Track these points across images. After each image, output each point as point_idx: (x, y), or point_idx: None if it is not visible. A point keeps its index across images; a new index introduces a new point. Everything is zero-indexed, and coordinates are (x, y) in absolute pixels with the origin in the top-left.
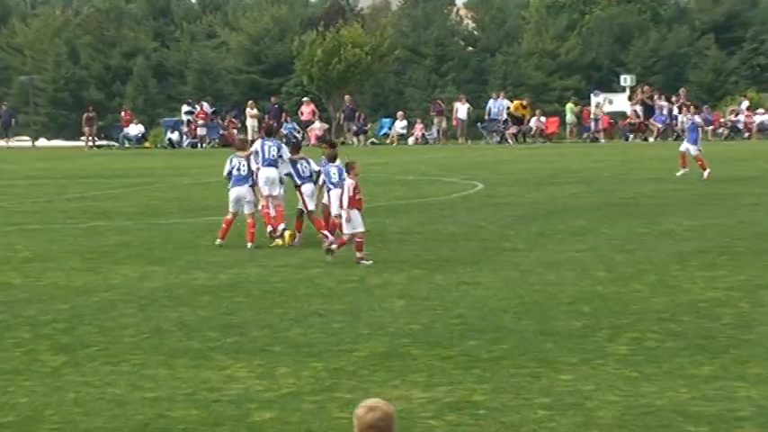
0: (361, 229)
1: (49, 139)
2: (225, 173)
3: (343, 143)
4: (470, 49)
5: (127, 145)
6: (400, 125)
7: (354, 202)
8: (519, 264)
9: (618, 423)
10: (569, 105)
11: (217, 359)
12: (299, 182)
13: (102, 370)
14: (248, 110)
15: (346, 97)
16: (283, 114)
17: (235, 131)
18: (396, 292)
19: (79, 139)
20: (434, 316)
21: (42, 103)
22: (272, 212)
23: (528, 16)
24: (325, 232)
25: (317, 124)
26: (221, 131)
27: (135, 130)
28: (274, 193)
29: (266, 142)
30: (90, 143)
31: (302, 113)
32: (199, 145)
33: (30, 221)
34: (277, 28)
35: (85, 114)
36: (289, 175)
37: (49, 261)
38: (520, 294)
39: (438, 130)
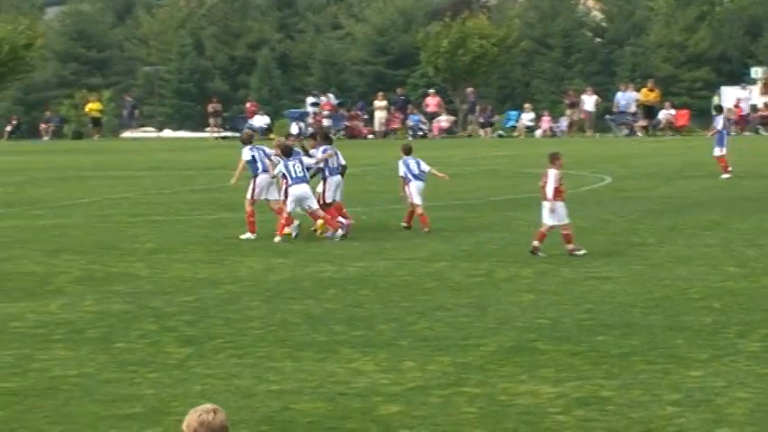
0: (566, 220)
1: (174, 130)
2: (277, 172)
3: (470, 136)
4: (598, 40)
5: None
6: (527, 117)
7: (559, 194)
8: (648, 258)
9: (749, 420)
10: (715, 98)
11: (343, 352)
12: (327, 174)
13: (227, 362)
14: (376, 102)
15: (468, 90)
16: (409, 106)
17: (360, 123)
18: (524, 287)
19: (204, 131)
20: (562, 311)
21: (167, 93)
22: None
23: (656, 7)
24: (342, 220)
25: (444, 116)
26: (346, 123)
27: (260, 121)
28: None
29: (289, 161)
30: (215, 134)
31: (427, 105)
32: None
33: (155, 213)
34: (402, 19)
35: (210, 105)
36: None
37: (175, 252)
38: (649, 289)
39: (569, 122)
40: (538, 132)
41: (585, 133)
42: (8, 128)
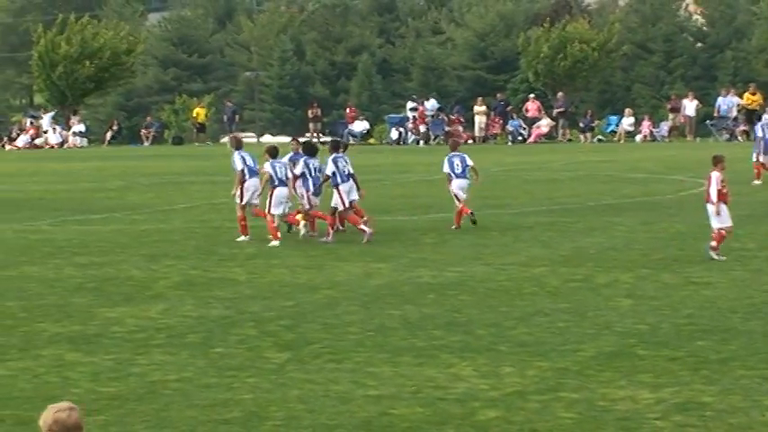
0: (729, 223)
1: (273, 135)
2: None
3: (570, 140)
4: (699, 44)
5: (351, 141)
6: (627, 122)
7: (722, 196)
8: (748, 264)
9: None
10: None
11: (441, 357)
12: (339, 180)
13: (325, 367)
14: (476, 107)
15: (559, 94)
16: (510, 111)
17: (460, 128)
18: (622, 292)
19: (304, 136)
20: (661, 316)
21: (267, 99)
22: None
23: (759, 12)
24: (363, 227)
25: (544, 121)
26: (446, 128)
27: (360, 126)
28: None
29: (276, 163)
30: (315, 139)
31: (527, 110)
32: (421, 142)
33: (254, 218)
34: (503, 24)
35: (310, 111)
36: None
37: (274, 258)
38: (749, 295)
39: (670, 127)
40: (638, 137)
41: (686, 138)
42: (109, 133)
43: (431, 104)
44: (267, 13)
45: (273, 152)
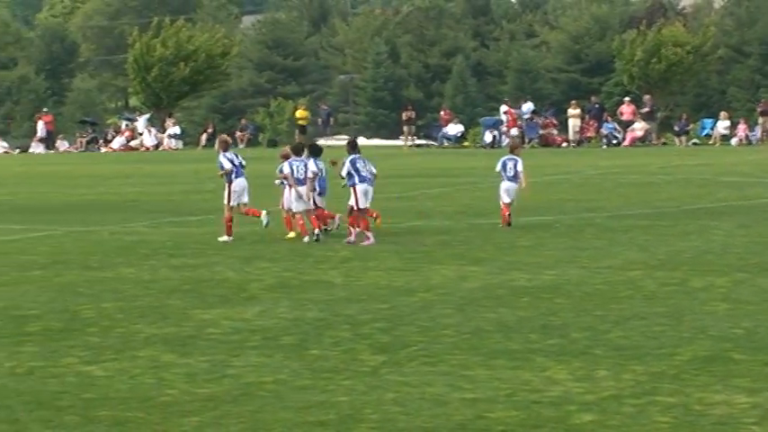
0: None
1: (368, 137)
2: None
3: (665, 144)
4: None
5: (446, 144)
6: (723, 125)
7: None
8: None
9: None
10: None
11: (537, 360)
12: (356, 180)
13: (421, 370)
14: (570, 110)
15: (645, 96)
16: (604, 114)
17: (554, 131)
18: (718, 296)
19: (398, 138)
20: (757, 320)
21: (362, 101)
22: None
23: None
24: (366, 232)
25: (638, 124)
26: (540, 131)
27: (454, 129)
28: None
29: (293, 162)
30: (409, 142)
31: (622, 113)
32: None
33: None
34: (597, 26)
35: (404, 114)
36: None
37: (369, 260)
38: None
39: (762, 130)
40: (733, 141)
41: None
42: (204, 135)
43: (526, 107)
44: (362, 15)
45: (296, 151)
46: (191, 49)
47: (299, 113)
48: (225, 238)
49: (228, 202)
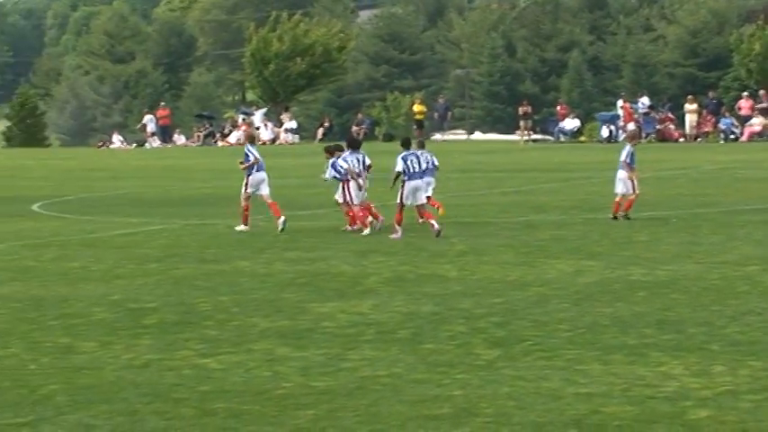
0: None
1: (484, 132)
2: (400, 169)
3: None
4: None
5: (562, 139)
6: None
7: None
8: None
9: None
10: None
11: (652, 356)
12: (406, 177)
13: (536, 364)
14: (687, 105)
15: (761, 92)
16: (722, 109)
17: (671, 126)
18: None
19: (514, 133)
20: None
21: (478, 96)
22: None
23: None
24: (396, 225)
25: (757, 119)
26: (657, 126)
27: (570, 124)
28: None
29: (348, 157)
30: (525, 137)
31: (740, 108)
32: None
33: (464, 214)
34: (715, 21)
35: (521, 108)
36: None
37: (484, 255)
38: None
39: None
40: None
41: None
42: (320, 130)
43: (642, 102)
44: (478, 10)
45: (341, 148)
46: (307, 44)
47: (416, 108)
48: (242, 227)
49: (246, 190)
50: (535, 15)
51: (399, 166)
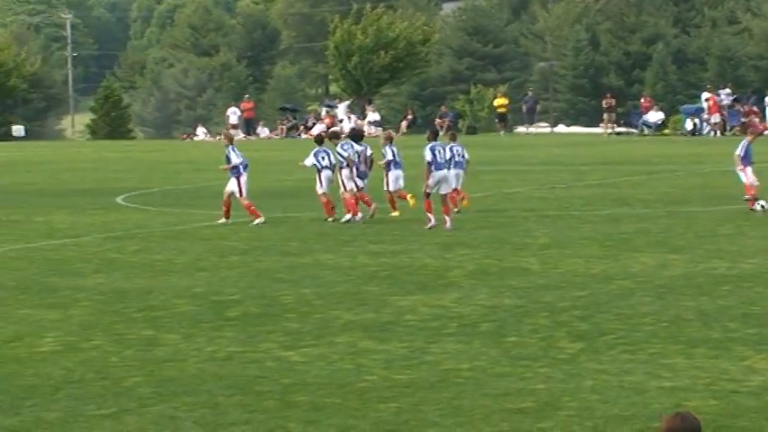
0: None
1: (567, 125)
2: (429, 159)
3: None
4: None
5: (646, 132)
6: None
7: None
8: None
9: None
10: None
11: (736, 350)
12: (433, 168)
13: (619, 358)
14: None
15: None
16: None
17: (756, 119)
18: None
19: (598, 126)
20: None
21: (561, 89)
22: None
23: None
24: (428, 214)
25: None
26: (742, 119)
27: (654, 116)
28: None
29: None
30: (609, 130)
31: None
32: (718, 132)
33: (548, 207)
34: None
35: (605, 101)
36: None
37: (567, 248)
38: None
39: None
40: None
41: None
42: (404, 122)
43: (724, 93)
44: (562, 2)
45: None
46: (391, 37)
47: (498, 101)
48: (259, 220)
49: (241, 194)
50: (619, 8)
51: (428, 157)
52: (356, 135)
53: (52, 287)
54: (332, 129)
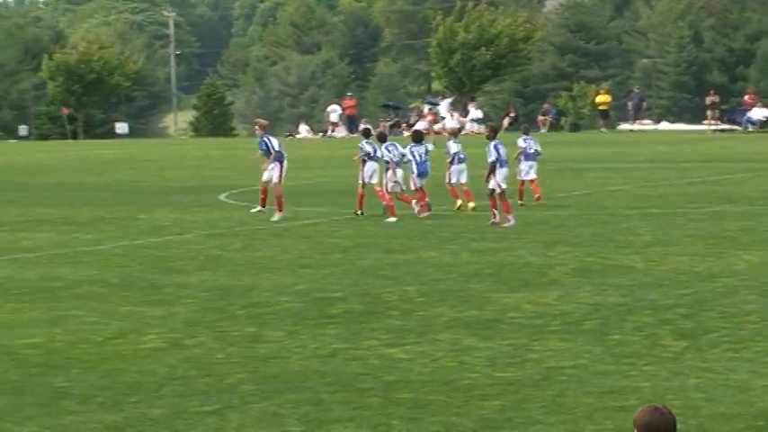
0: None
1: (671, 122)
2: (494, 158)
3: None
4: None
5: (750, 129)
6: None
7: None
8: None
9: None
10: None
11: None
12: (498, 165)
13: (723, 356)
14: None
15: None
16: None
17: None
18: None
19: (701, 123)
20: None
21: (664, 86)
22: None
23: None
24: (507, 215)
25: None
26: None
27: (759, 113)
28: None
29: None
30: (713, 127)
31: None
32: None
33: (651, 205)
34: None
35: (708, 98)
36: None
37: (671, 245)
38: None
39: None
40: None
41: None
42: (506, 119)
43: None
44: None
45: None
46: (493, 34)
47: (600, 98)
48: (279, 215)
49: (280, 181)
50: (723, 4)
51: (493, 155)
52: (417, 136)
53: (156, 284)
54: (379, 130)
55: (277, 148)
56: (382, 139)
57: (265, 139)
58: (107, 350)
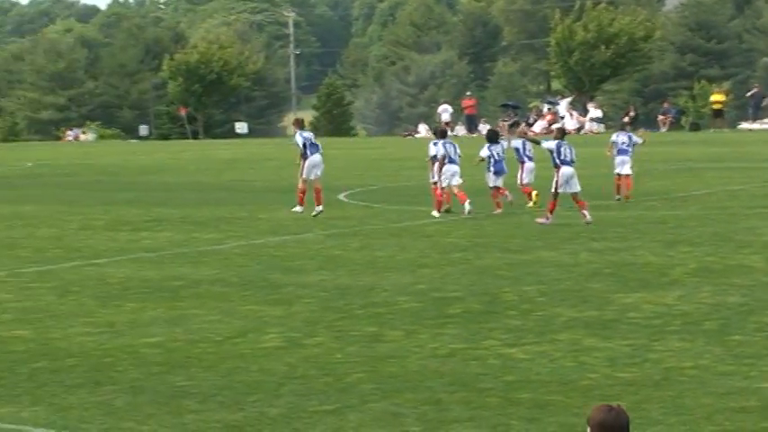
0: None
1: None
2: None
3: None
4: None
5: None
6: None
7: None
8: None
9: None
10: None
11: None
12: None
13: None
14: None
15: None
16: None
17: None
18: None
19: None
20: None
21: None
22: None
23: None
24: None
25: None
26: None
27: None
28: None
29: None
30: None
31: None
32: None
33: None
34: None
35: None
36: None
37: None
38: None
39: None
40: None
41: None
42: (626, 119)
43: None
44: None
45: (442, 134)
46: (612, 33)
47: (714, 97)
48: (298, 208)
49: (302, 174)
50: None
51: (554, 158)
52: (493, 135)
53: (275, 283)
54: (440, 128)
55: (299, 144)
56: (443, 135)
57: (296, 137)
58: (227, 349)
